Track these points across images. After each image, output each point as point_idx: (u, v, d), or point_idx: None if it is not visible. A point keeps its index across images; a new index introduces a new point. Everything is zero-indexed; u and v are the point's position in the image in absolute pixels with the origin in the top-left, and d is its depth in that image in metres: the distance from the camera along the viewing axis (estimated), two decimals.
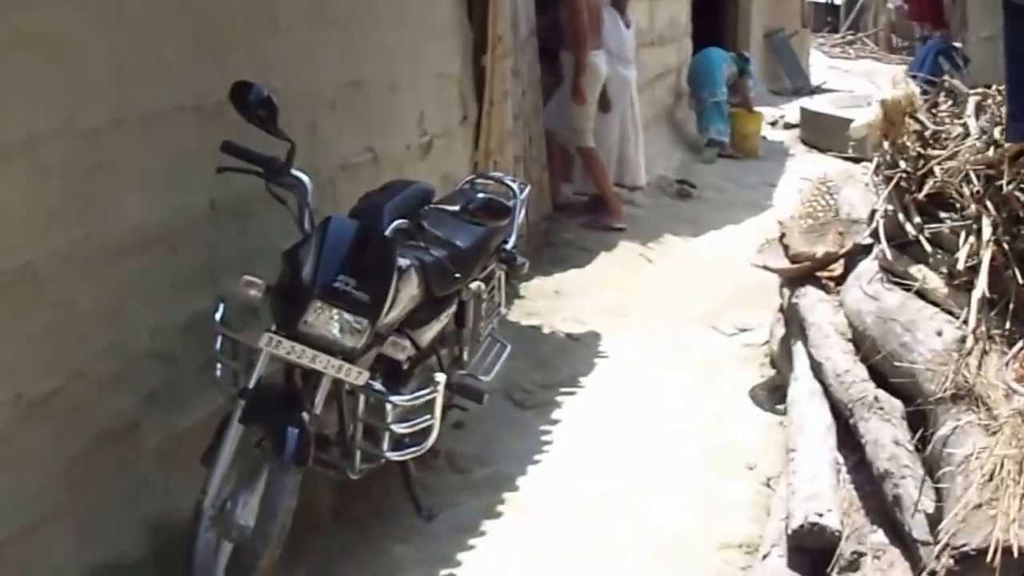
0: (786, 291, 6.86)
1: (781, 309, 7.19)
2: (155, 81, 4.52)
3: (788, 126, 17.74)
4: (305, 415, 4.07)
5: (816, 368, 5.52)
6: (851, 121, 14.30)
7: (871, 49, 38.87)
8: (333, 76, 6.04)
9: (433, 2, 7.41)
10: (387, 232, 4.36)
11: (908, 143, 5.90)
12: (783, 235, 6.84)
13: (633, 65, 10.97)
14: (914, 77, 9.00)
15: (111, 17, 4.26)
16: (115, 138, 4.30)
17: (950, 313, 4.85)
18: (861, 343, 5.39)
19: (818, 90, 22.90)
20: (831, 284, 6.47)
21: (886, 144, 6.15)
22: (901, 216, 5.62)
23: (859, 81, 28.44)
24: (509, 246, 5.65)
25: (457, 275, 5.05)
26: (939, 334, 4.67)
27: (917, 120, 5.89)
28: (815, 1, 32.16)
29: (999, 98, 5.28)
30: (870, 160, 6.76)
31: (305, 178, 4.46)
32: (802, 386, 5.54)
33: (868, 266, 5.95)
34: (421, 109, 7.16)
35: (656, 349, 7.49)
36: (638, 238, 10.03)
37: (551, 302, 8.33)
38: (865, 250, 6.29)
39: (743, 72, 15.16)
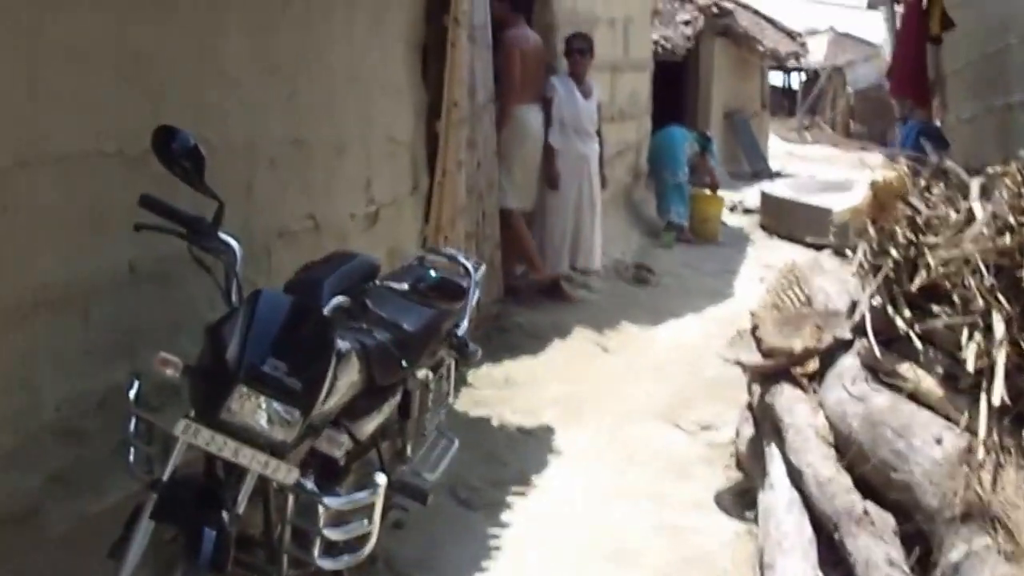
0: (756, 388, 6.54)
1: (749, 406, 6.87)
2: (74, 119, 4.18)
3: (747, 211, 17.59)
4: (225, 515, 3.66)
5: (795, 475, 5.18)
6: (814, 207, 14.22)
7: (828, 134, 39.13)
8: (275, 131, 5.70)
9: (386, 59, 7.07)
10: (326, 310, 3.97)
11: (898, 229, 5.59)
12: (755, 327, 6.51)
13: (594, 139, 10.69)
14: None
15: (26, 39, 3.92)
16: (23, 180, 3.95)
17: (947, 419, 4.52)
18: (845, 449, 5.05)
19: (777, 175, 22.86)
20: (805, 381, 6.14)
21: (872, 230, 5.84)
22: (890, 309, 5.29)
23: (818, 167, 28.57)
24: (461, 331, 5.27)
25: (403, 362, 4.68)
26: (938, 442, 4.35)
27: (909, 204, 5.59)
28: (772, 85, 32.17)
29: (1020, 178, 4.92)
30: (850, 248, 6.47)
31: (234, 243, 4.06)
32: (779, 495, 5.19)
33: (850, 363, 5.64)
34: (369, 175, 6.83)
35: (613, 447, 7.12)
36: (593, 325, 9.69)
37: (501, 391, 7.96)
38: (845, 345, 5.98)
39: (704, 150, 15.00)
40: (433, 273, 4.23)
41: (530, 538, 5.72)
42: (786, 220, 15.71)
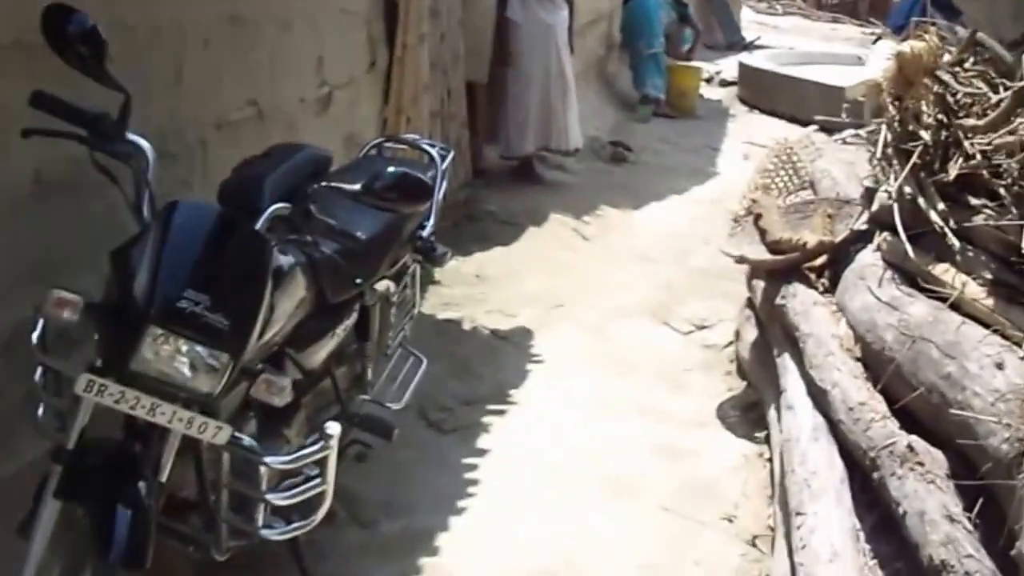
0: (758, 284, 5.82)
1: (750, 304, 6.16)
2: None
3: (725, 83, 16.72)
4: (143, 488, 2.93)
5: (817, 395, 4.46)
6: (796, 80, 13.41)
7: (799, 5, 38.20)
8: (208, 6, 4.87)
9: None
10: (260, 222, 3.21)
11: (926, 108, 4.83)
12: (758, 216, 5.78)
13: (560, 6, 9.77)
14: (899, 30, 8.03)
15: None
16: None
17: (1004, 337, 3.79)
18: (877, 367, 4.33)
19: (752, 45, 21.96)
20: (814, 277, 5.43)
21: (894, 109, 5.07)
22: (921, 201, 4.56)
23: (790, 38, 27.72)
24: (427, 232, 4.52)
25: (358, 275, 3.94)
26: (999, 367, 3.61)
27: (940, 81, 4.82)
28: None
29: None
30: (860, 127, 5.72)
31: (144, 144, 3.30)
32: (800, 419, 4.48)
33: (870, 260, 4.93)
34: (320, 53, 6.01)
35: (599, 352, 6.43)
36: (571, 210, 8.94)
37: (472, 289, 7.23)
38: (861, 238, 5.27)
39: (684, 18, 14.13)
40: (391, 169, 3.40)
41: (510, 467, 5.05)
42: (767, 94, 14.89)
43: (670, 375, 6.12)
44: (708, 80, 16.18)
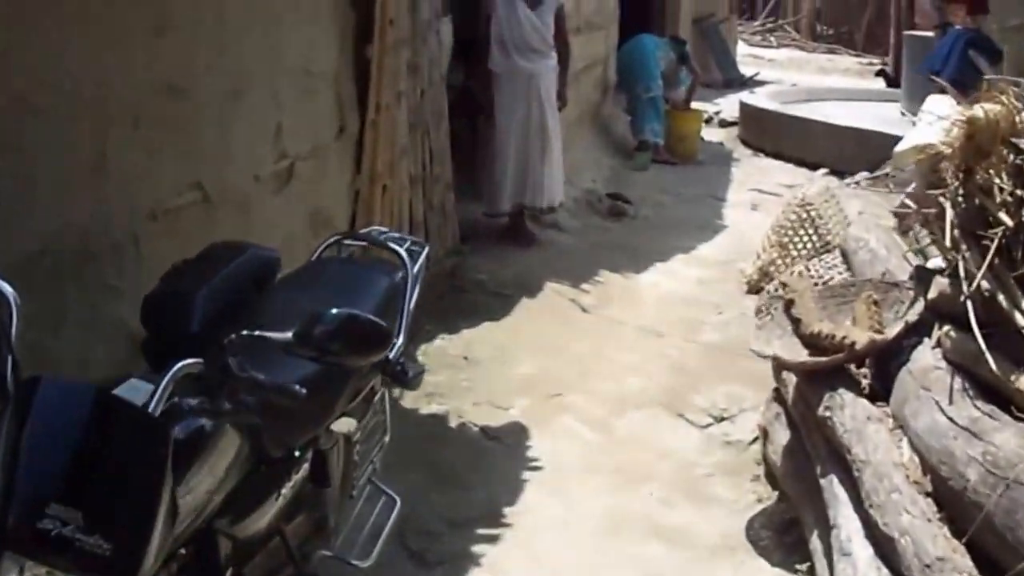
0: (789, 376, 4.98)
1: (778, 397, 5.31)
2: None
3: (725, 123, 15.97)
4: None
5: (882, 542, 3.62)
6: (802, 120, 12.59)
7: (793, 37, 37.55)
8: (137, 77, 4.05)
9: None
10: (156, 398, 2.37)
11: (1001, 182, 4.00)
12: (790, 303, 4.94)
13: (547, 55, 8.90)
14: (936, 74, 7.25)
15: None
16: None
17: None
18: (955, 505, 3.49)
19: (750, 82, 21.23)
20: (862, 377, 4.59)
21: (957, 181, 4.24)
22: (1002, 299, 3.73)
23: (787, 72, 27.03)
24: (395, 352, 3.66)
25: (307, 420, 3.10)
26: None
27: (1017, 149, 3.99)
28: None
29: None
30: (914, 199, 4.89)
31: (6, 290, 2.40)
32: (860, 570, 3.62)
33: (931, 361, 4.10)
34: (278, 120, 5.19)
35: (604, 454, 5.60)
36: (567, 276, 8.10)
37: (459, 375, 6.40)
38: (915, 328, 4.44)
39: (682, 59, 13.33)
40: (334, 311, 2.54)
41: None
42: (771, 135, 14.09)
43: (689, 482, 5.28)
44: (707, 121, 15.42)
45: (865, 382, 4.50)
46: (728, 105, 17.18)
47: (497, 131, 8.75)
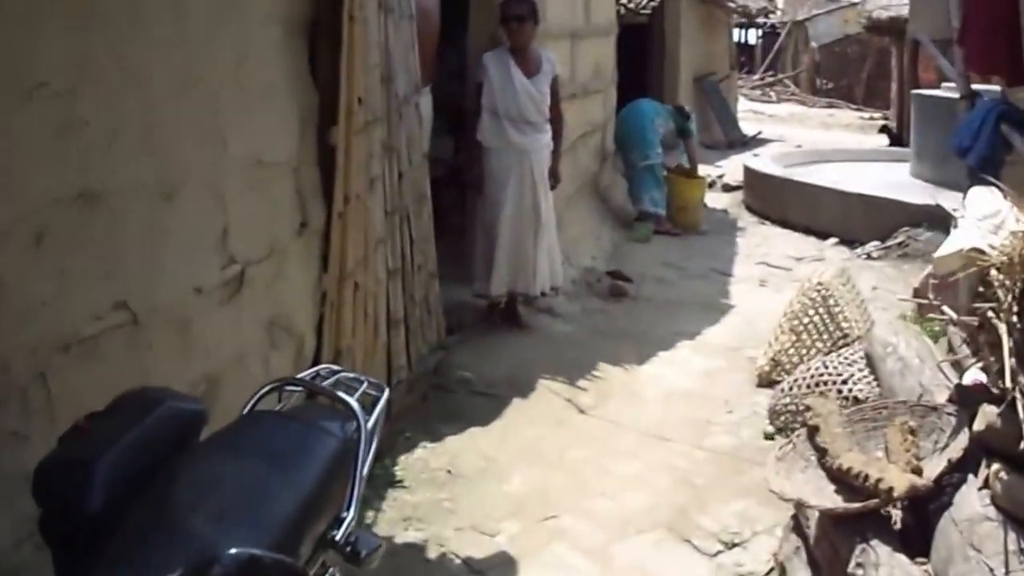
0: (812, 511, 4.29)
1: (797, 528, 4.63)
2: None
3: (728, 188, 15.37)
4: None
5: None
6: (810, 187, 11.94)
7: (793, 92, 37.13)
8: (42, 184, 3.39)
9: (250, 48, 4.73)
10: None
11: None
12: (814, 430, 4.26)
13: (541, 129, 8.24)
14: (967, 151, 6.60)
15: None
16: None
17: None
18: None
19: (753, 141, 20.64)
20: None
21: (1011, 297, 3.56)
22: None
23: (788, 127, 26.51)
24: (344, 527, 2.96)
25: None
26: None
27: None
28: None
29: None
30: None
31: None
32: None
33: (979, 509, 3.47)
34: (223, 222, 4.51)
35: None
36: (563, 371, 7.41)
37: (441, 493, 5.71)
38: (957, 464, 3.78)
39: (683, 132, 12.70)
40: (233, 551, 1.89)
41: None
42: (777, 202, 13.45)
43: None
44: (711, 185, 14.83)
45: (897, 518, 3.85)
46: (731, 167, 16.57)
47: (488, 210, 8.11)
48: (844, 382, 6.24)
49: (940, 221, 11.59)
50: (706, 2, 19.62)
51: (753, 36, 41.88)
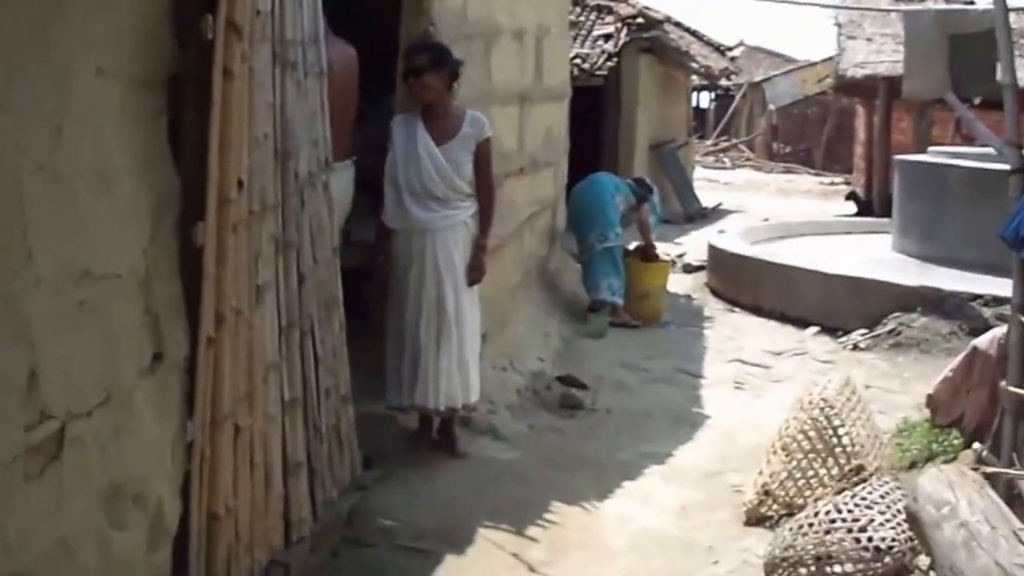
0: None
1: None
2: None
3: (690, 268, 14.27)
4: None
5: None
6: (784, 268, 10.87)
7: (747, 157, 36.54)
8: None
9: (68, 108, 3.44)
10: None
11: None
12: None
13: (450, 205, 6.79)
14: (1019, 242, 5.47)
15: None
16: None
17: None
18: None
19: (713, 213, 19.67)
20: None
21: None
22: None
23: (745, 195, 25.66)
24: None
25: None
26: None
27: None
28: None
29: None
30: None
31: None
32: None
33: None
34: (30, 364, 3.23)
35: None
36: (508, 514, 6.12)
37: None
38: None
39: (641, 203, 11.48)
40: None
41: None
42: (747, 286, 12.35)
43: None
44: (671, 264, 13.64)
45: None
46: (692, 244, 15.56)
47: (393, 303, 6.83)
48: (862, 529, 5.10)
49: (935, 304, 10.58)
50: (666, 63, 18.56)
51: (706, 99, 41.35)
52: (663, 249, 13.66)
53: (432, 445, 6.95)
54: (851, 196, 21.86)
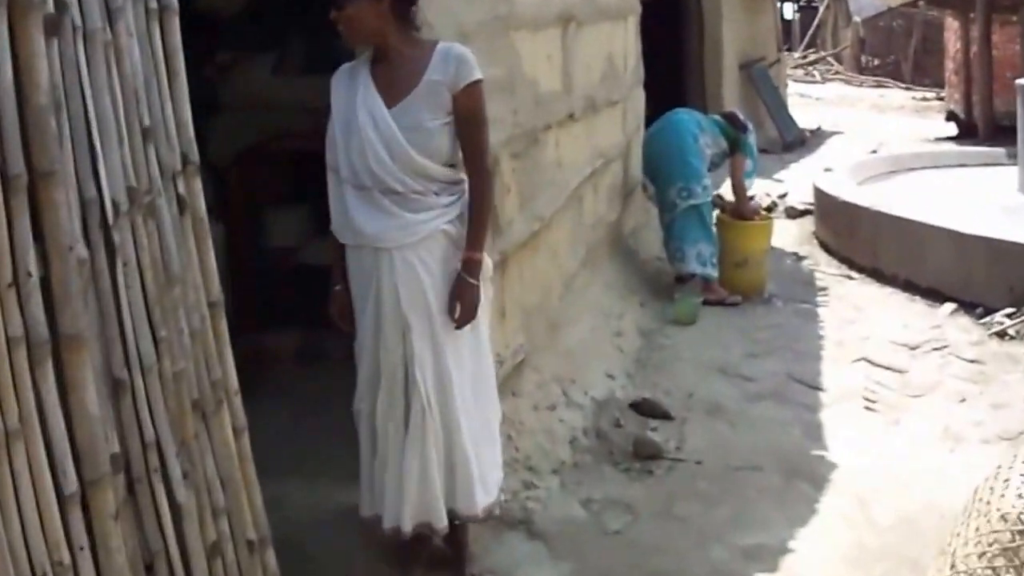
0: None
1: None
2: None
3: (794, 213, 11.21)
4: None
5: None
6: (908, 224, 7.70)
7: (836, 70, 33.49)
8: None
9: None
10: None
11: None
12: None
13: (413, 203, 3.80)
14: None
15: None
16: None
17: None
18: None
19: (814, 136, 16.62)
20: None
21: None
22: None
23: (840, 113, 22.82)
24: None
25: None
26: None
27: None
28: None
29: None
30: None
31: None
32: None
33: None
34: None
35: None
36: None
37: None
38: None
39: (736, 146, 8.42)
40: None
41: None
42: (866, 241, 9.34)
43: None
44: (769, 209, 10.62)
45: None
46: (793, 181, 12.54)
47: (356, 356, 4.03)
48: None
49: None
50: None
51: (789, 10, 38.04)
52: (760, 188, 10.68)
53: (431, 562, 4.14)
54: (951, 116, 18.81)
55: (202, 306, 2.96)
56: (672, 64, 11.40)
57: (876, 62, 34.52)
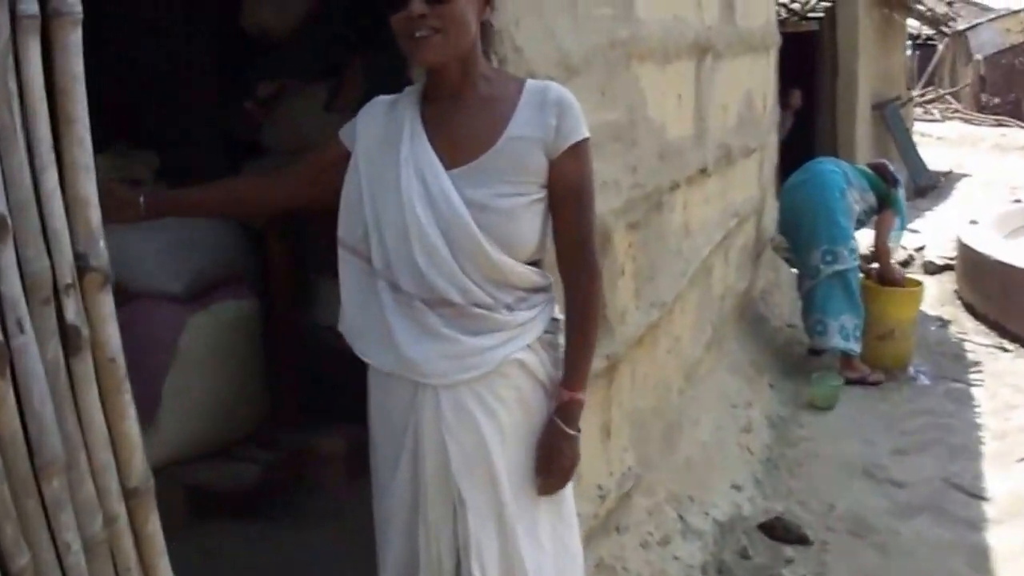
0: None
1: None
2: None
3: (932, 268, 9.73)
4: None
5: None
6: None
7: (955, 109, 31.81)
8: None
9: None
10: None
11: None
12: None
13: (482, 321, 2.41)
14: None
15: None
16: None
17: None
18: None
19: (946, 179, 15.11)
20: None
21: None
22: None
23: (962, 152, 21.17)
24: None
25: None
26: None
27: None
28: None
29: None
30: None
31: None
32: None
33: None
34: None
35: None
36: None
37: None
38: None
39: (886, 202, 7.01)
40: None
41: None
42: (1019, 305, 7.86)
43: None
44: (904, 264, 9.22)
45: None
46: (931, 230, 11.02)
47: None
48: None
49: None
50: (888, 3, 13.87)
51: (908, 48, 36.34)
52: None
53: None
54: None
55: (111, 501, 1.74)
56: (804, 102, 10.04)
57: (996, 100, 32.88)
